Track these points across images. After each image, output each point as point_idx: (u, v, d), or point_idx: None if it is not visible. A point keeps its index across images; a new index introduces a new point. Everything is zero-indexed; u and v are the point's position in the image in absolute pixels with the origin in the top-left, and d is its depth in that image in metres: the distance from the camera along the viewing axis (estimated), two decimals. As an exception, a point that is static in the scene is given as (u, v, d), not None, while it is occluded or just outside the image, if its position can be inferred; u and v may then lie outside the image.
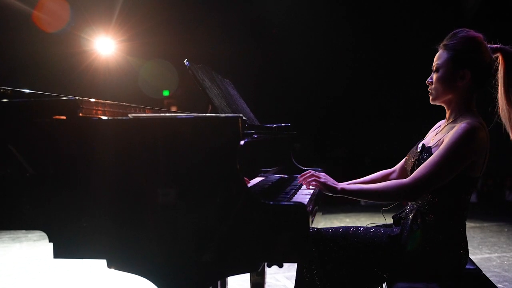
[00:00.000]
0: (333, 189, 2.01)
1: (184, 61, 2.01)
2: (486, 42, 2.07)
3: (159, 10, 9.08)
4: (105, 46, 9.45)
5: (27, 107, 1.66)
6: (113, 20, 9.19)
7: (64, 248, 1.62)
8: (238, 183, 1.54)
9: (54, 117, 1.59)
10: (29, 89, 1.83)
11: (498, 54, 2.07)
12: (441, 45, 2.11)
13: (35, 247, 5.61)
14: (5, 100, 1.69)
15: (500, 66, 2.06)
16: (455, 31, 2.10)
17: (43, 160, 1.63)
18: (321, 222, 6.52)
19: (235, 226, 1.54)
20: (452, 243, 1.99)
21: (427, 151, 2.05)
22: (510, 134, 2.05)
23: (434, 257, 1.96)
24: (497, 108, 2.08)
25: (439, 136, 2.08)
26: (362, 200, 2.04)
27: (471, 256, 2.13)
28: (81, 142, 1.60)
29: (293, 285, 2.17)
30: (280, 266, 1.57)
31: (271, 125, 2.82)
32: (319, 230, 2.17)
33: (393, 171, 2.45)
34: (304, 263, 2.09)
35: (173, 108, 10.23)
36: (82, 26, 8.87)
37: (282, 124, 2.90)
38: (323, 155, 9.81)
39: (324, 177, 2.06)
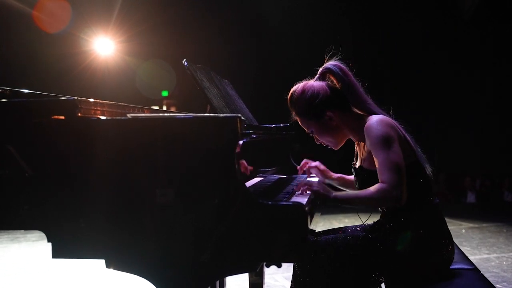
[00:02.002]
0: (325, 197, 2.01)
1: (183, 61, 2.01)
2: (310, 81, 2.18)
3: (157, 10, 9.09)
4: (104, 46, 9.45)
5: (25, 107, 1.66)
6: (112, 21, 9.20)
7: (63, 248, 1.63)
8: (237, 183, 1.54)
9: (52, 117, 1.59)
10: (27, 89, 1.83)
11: (328, 76, 2.18)
12: (292, 115, 2.24)
13: (34, 247, 5.60)
14: (3, 100, 1.69)
15: (335, 82, 2.16)
16: (288, 99, 2.20)
17: (41, 160, 1.63)
18: (320, 222, 6.52)
19: (234, 226, 1.54)
20: (433, 236, 2.01)
21: (360, 170, 2.14)
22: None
23: (421, 253, 1.98)
24: None
25: (361, 152, 2.18)
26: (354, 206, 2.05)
27: (470, 257, 2.13)
28: (79, 142, 1.60)
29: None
30: (279, 266, 1.57)
31: (269, 125, 2.82)
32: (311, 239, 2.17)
33: None
34: (299, 264, 2.09)
35: (172, 109, 10.23)
36: (81, 27, 8.87)
37: (281, 125, 2.89)
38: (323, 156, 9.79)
39: (317, 186, 2.06)
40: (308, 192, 2.06)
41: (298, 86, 2.18)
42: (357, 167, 2.18)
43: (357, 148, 2.26)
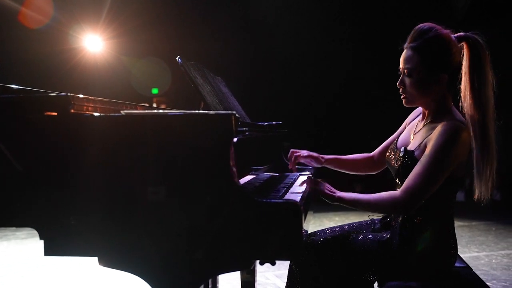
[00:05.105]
0: (330, 197, 1.98)
1: (177, 58, 2.00)
2: (453, 37, 1.96)
3: (148, 7, 9.05)
4: (93, 43, 9.40)
5: (17, 103, 1.64)
6: (102, 17, 9.14)
7: (55, 246, 1.60)
8: (231, 180, 1.54)
9: (45, 114, 1.58)
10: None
11: (463, 43, 1.95)
12: (408, 45, 1.98)
13: (23, 245, 5.56)
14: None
15: (465, 55, 1.93)
16: (420, 28, 1.96)
17: (33, 157, 1.60)
18: (311, 220, 6.52)
19: (228, 224, 1.54)
20: (441, 242, 1.98)
21: (410, 155, 1.98)
22: (471, 127, 1.90)
23: (424, 258, 1.96)
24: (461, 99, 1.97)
25: (419, 137, 2.02)
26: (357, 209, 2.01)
27: (460, 255, 2.14)
28: (72, 138, 1.58)
29: (283, 284, 2.16)
30: (273, 264, 1.57)
31: (262, 123, 2.82)
32: (308, 237, 2.16)
33: (372, 156, 2.49)
34: (296, 262, 2.09)
35: (162, 106, 10.19)
36: (71, 23, 8.81)
37: (273, 122, 2.90)
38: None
39: (323, 185, 2.04)
40: (312, 189, 2.04)
41: (438, 27, 1.95)
42: (408, 148, 2.01)
43: (415, 128, 2.11)
